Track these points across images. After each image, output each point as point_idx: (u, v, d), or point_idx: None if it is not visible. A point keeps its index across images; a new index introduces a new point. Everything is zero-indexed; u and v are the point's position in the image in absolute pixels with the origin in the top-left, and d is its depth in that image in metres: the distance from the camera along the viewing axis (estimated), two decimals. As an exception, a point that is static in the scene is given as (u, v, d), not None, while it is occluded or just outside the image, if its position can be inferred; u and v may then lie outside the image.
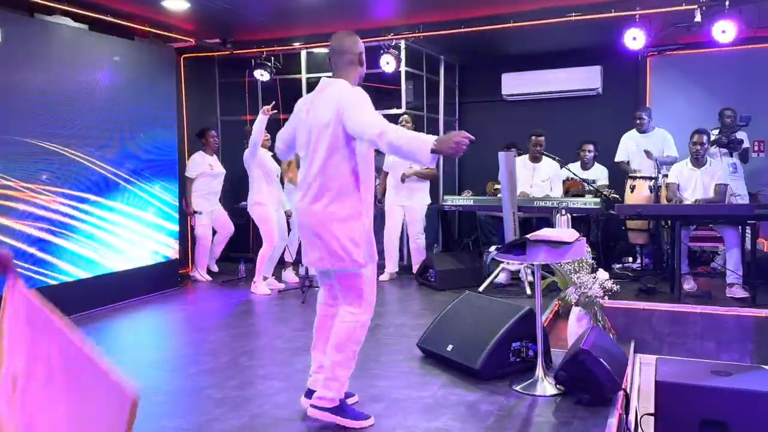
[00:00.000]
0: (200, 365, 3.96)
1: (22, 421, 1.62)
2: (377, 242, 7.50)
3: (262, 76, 7.40)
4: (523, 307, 3.67)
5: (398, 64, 6.74)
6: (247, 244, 7.42)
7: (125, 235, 5.78)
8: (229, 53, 7.46)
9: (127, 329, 5.10)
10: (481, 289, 5.67)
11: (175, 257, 6.36)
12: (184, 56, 7.33)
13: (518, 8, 6.11)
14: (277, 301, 5.78)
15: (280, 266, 6.49)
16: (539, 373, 3.40)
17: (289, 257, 6.45)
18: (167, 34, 6.69)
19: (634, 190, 6.34)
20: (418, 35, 6.81)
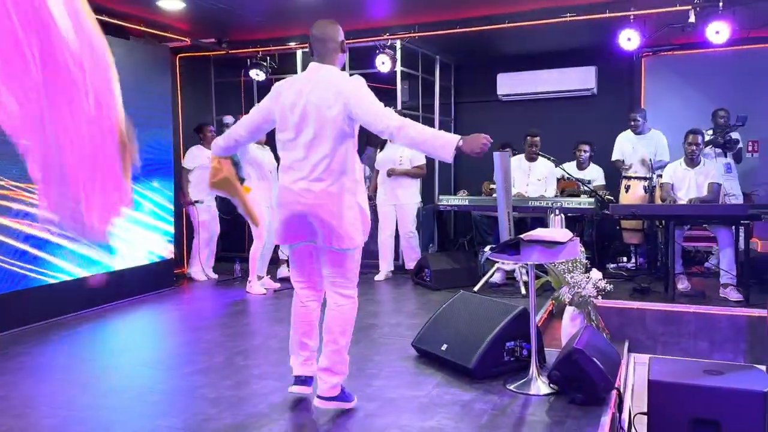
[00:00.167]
0: (195, 365, 3.96)
1: None
2: (371, 243, 7.48)
3: (257, 75, 7.40)
4: (517, 306, 3.68)
5: (394, 64, 6.75)
6: (242, 243, 7.42)
7: (120, 234, 5.76)
8: (224, 53, 7.46)
9: (122, 329, 5.10)
10: (476, 288, 5.68)
11: (170, 257, 6.36)
12: (179, 56, 7.33)
13: (513, 9, 6.13)
14: (272, 300, 5.78)
15: (274, 264, 6.49)
16: (533, 372, 3.41)
17: (282, 254, 6.47)
18: (162, 33, 6.68)
19: (628, 190, 6.37)
20: (413, 35, 6.82)
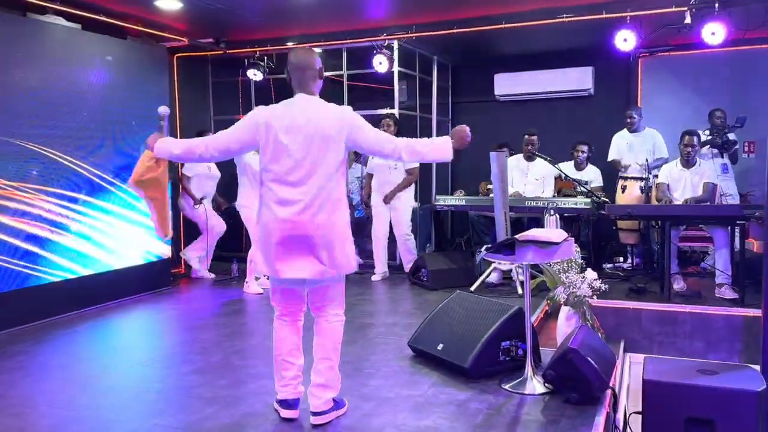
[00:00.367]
0: (192, 364, 3.97)
1: None
2: (366, 244, 7.47)
3: (255, 75, 7.41)
4: (512, 306, 3.70)
5: (391, 64, 6.76)
6: (239, 243, 7.43)
7: (117, 234, 5.77)
8: (222, 53, 7.46)
9: (119, 328, 5.11)
10: (472, 288, 5.69)
11: (167, 257, 6.36)
12: (177, 56, 7.32)
13: (511, 9, 6.14)
14: (269, 300, 5.77)
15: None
16: (528, 371, 3.42)
17: None
18: (160, 33, 6.68)
19: (625, 190, 6.38)
20: (411, 35, 6.83)
